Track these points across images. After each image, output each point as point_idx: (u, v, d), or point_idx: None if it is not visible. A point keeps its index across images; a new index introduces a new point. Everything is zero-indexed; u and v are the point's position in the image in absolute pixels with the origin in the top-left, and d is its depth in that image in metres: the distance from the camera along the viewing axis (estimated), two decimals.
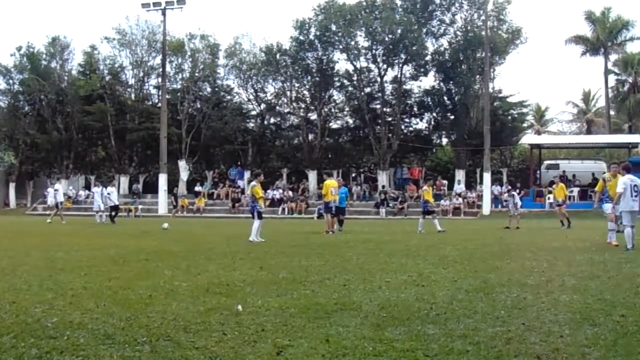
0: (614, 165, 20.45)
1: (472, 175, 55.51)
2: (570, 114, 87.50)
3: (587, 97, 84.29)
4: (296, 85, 61.61)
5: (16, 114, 63.68)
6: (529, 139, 61.29)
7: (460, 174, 53.89)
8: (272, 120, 65.78)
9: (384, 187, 53.59)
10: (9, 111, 64.18)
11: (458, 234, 26.99)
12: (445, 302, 9.48)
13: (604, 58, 71.63)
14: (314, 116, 61.26)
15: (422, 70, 58.72)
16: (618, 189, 17.95)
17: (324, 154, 61.75)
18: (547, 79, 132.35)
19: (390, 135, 57.31)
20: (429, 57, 58.13)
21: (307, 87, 61.31)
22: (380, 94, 59.13)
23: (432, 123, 62.63)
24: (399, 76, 58.43)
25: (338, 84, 60.85)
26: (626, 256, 15.98)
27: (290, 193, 54.83)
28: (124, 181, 60.89)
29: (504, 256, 16.56)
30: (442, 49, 58.18)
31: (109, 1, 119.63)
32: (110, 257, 16.76)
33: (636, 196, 17.62)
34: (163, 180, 55.97)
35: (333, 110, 62.97)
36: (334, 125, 63.92)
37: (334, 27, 56.76)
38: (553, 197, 33.43)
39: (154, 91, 66.81)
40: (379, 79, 58.73)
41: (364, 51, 57.78)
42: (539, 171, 54.06)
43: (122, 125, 61.75)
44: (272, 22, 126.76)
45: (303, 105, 62.23)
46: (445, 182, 54.39)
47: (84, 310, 8.92)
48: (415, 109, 62.22)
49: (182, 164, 59.11)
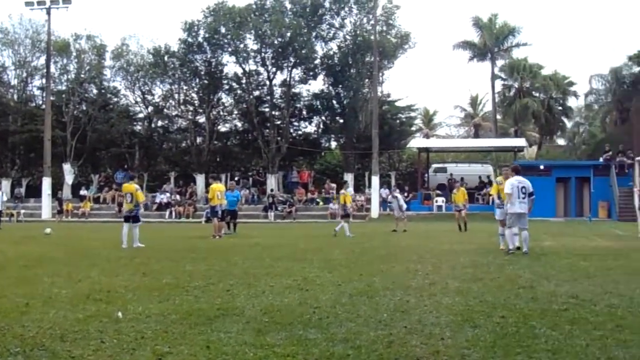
0: (505, 168, 20.45)
1: (361, 179, 55.93)
2: (458, 118, 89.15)
3: (474, 102, 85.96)
4: (184, 87, 61.08)
5: None
6: (417, 142, 62.22)
7: (348, 178, 54.13)
8: (160, 123, 65.14)
9: (272, 190, 53.54)
10: None
11: (345, 237, 27.09)
12: (329, 306, 9.47)
13: (490, 63, 73.68)
14: (202, 119, 61.00)
15: (311, 73, 59.01)
16: (506, 190, 18.01)
17: (213, 158, 61.55)
18: (435, 83, 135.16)
19: (279, 138, 57.34)
20: (318, 61, 58.46)
21: (195, 89, 60.88)
22: (269, 97, 59.18)
23: (321, 126, 63.07)
24: (288, 79, 58.62)
25: (227, 87, 60.73)
26: (509, 258, 16.28)
27: (178, 197, 54.23)
28: (5, 185, 58.88)
29: (389, 259, 16.69)
30: (331, 52, 58.50)
31: None
32: None
33: (524, 198, 17.63)
34: (47, 183, 54.57)
35: (222, 113, 62.85)
36: (223, 128, 63.91)
37: (223, 30, 56.47)
38: (453, 202, 33.83)
39: (37, 92, 65.08)
40: (268, 82, 58.67)
41: (253, 54, 57.66)
42: (426, 174, 54.84)
43: (3, 127, 59.98)
44: (160, 24, 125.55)
45: (191, 108, 61.84)
46: (334, 185, 54.61)
47: None
48: (304, 112, 62.55)
49: (67, 167, 57.80)
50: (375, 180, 50.74)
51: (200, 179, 56.09)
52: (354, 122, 57.32)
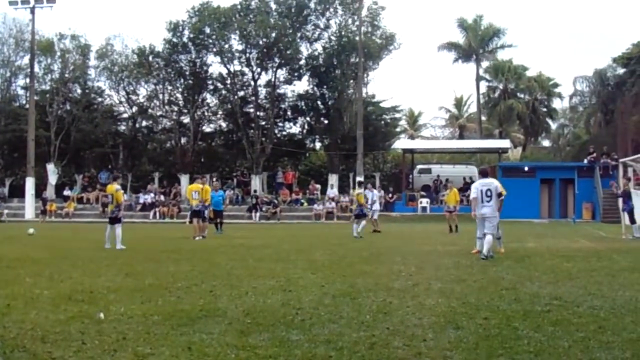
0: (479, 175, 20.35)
1: (345, 180, 55.87)
2: (443, 119, 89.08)
3: (459, 103, 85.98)
4: (169, 88, 60.68)
5: None
6: (401, 143, 62.24)
7: (333, 179, 54.12)
8: (144, 124, 64.84)
9: (255, 191, 53.44)
10: None
11: (330, 238, 27.08)
12: (311, 308, 9.48)
13: (475, 65, 73.92)
14: (186, 119, 60.77)
15: (296, 74, 58.86)
16: (471, 194, 17.79)
17: (197, 158, 61.37)
18: (420, 84, 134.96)
19: (264, 139, 57.16)
20: (303, 62, 58.28)
21: (180, 90, 60.51)
22: (253, 98, 59.00)
23: (306, 127, 62.99)
24: (272, 80, 58.42)
25: (211, 87, 60.48)
26: (486, 262, 16.16)
27: (162, 197, 54.04)
28: None
29: (373, 260, 16.70)
30: (316, 53, 58.33)
31: None
32: None
33: (489, 201, 17.15)
34: (30, 184, 54.21)
35: (206, 113, 62.58)
36: (207, 129, 63.65)
37: (208, 30, 56.17)
38: (445, 203, 33.81)
39: (21, 92, 64.64)
40: (252, 82, 58.45)
41: (237, 54, 57.42)
42: (411, 175, 54.88)
43: None
44: (144, 24, 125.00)
45: (176, 109, 61.53)
46: (318, 186, 54.54)
47: None
48: (289, 113, 62.44)
49: (51, 167, 57.44)
50: (360, 179, 50.65)
51: (185, 179, 55.88)
52: (338, 123, 57.25)
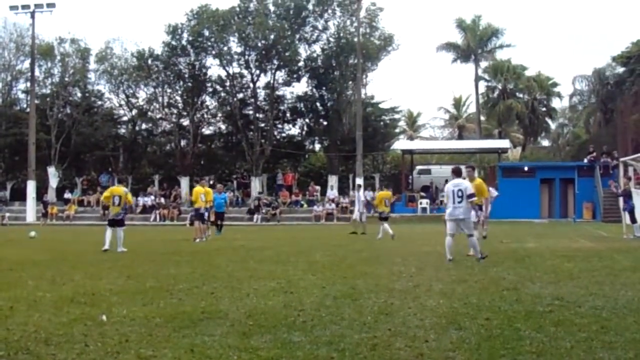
0: (468, 169, 19.70)
1: (345, 181, 55.88)
2: (442, 119, 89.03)
3: (458, 103, 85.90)
4: (168, 90, 60.78)
5: None
6: (400, 144, 62.07)
7: (333, 180, 54.15)
8: (144, 126, 65.00)
9: (261, 192, 53.59)
10: None
11: (330, 239, 27.05)
12: (313, 309, 9.45)
13: (474, 65, 73.67)
14: (186, 122, 60.87)
15: (294, 76, 58.99)
16: (443, 197, 17.14)
17: (197, 160, 61.51)
18: (419, 85, 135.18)
19: (263, 141, 57.28)
20: (301, 63, 58.43)
21: (179, 92, 60.68)
22: (252, 100, 59.16)
23: (305, 129, 63.11)
24: (271, 82, 58.57)
25: (210, 89, 60.61)
26: (486, 263, 16.08)
27: (162, 200, 54.11)
28: None
29: (373, 262, 16.66)
30: (314, 55, 58.51)
31: None
32: None
33: (460, 202, 16.34)
34: (31, 187, 54.61)
35: (205, 116, 62.67)
36: (207, 131, 63.89)
37: (206, 33, 56.32)
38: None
39: (22, 96, 65.28)
40: (251, 84, 58.66)
41: (236, 57, 57.61)
42: (411, 176, 54.88)
43: None
44: (144, 27, 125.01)
45: (175, 111, 61.62)
46: (318, 187, 54.57)
47: None
48: (288, 114, 62.59)
49: (52, 171, 57.68)
50: (359, 182, 50.67)
51: (185, 181, 56.04)
52: (337, 124, 57.31)
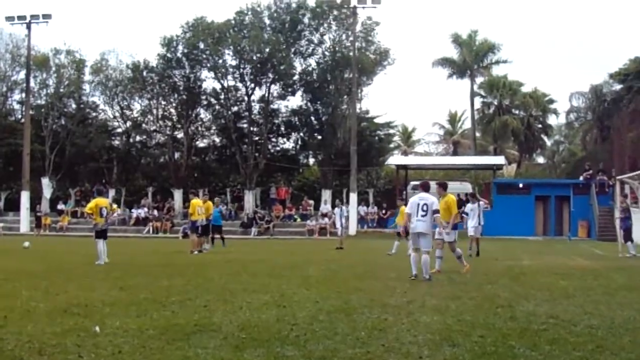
0: (439, 187, 18.86)
1: (339, 196, 55.66)
2: (437, 135, 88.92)
3: (453, 119, 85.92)
4: (163, 103, 60.67)
5: None
6: (395, 159, 62.08)
7: (326, 194, 54.07)
8: (138, 138, 64.75)
9: (257, 206, 53.57)
10: None
11: (323, 254, 26.99)
12: (306, 323, 9.42)
13: (470, 80, 73.77)
14: (180, 134, 60.67)
15: (289, 89, 58.93)
16: (407, 209, 16.92)
17: (190, 173, 61.32)
18: (414, 100, 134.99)
19: (257, 154, 57.25)
20: (296, 77, 58.35)
21: (173, 105, 60.56)
22: (247, 113, 59.07)
23: (299, 143, 62.89)
24: (266, 95, 58.48)
25: (205, 102, 60.50)
26: (481, 280, 16.02)
27: (156, 212, 54.02)
28: None
29: (367, 276, 16.63)
30: (310, 68, 58.43)
31: None
32: None
33: (424, 215, 15.81)
34: (25, 197, 54.66)
35: (200, 128, 62.60)
36: (201, 144, 63.69)
37: (202, 45, 56.32)
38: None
39: (17, 106, 65.13)
40: (246, 98, 58.58)
41: (231, 70, 57.54)
42: (405, 192, 54.76)
43: None
44: (139, 39, 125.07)
45: (169, 124, 61.49)
46: (311, 202, 54.52)
47: None
48: (283, 128, 62.41)
49: (46, 182, 57.70)
50: (354, 197, 50.73)
51: (178, 194, 55.97)
52: (332, 138, 57.22)
